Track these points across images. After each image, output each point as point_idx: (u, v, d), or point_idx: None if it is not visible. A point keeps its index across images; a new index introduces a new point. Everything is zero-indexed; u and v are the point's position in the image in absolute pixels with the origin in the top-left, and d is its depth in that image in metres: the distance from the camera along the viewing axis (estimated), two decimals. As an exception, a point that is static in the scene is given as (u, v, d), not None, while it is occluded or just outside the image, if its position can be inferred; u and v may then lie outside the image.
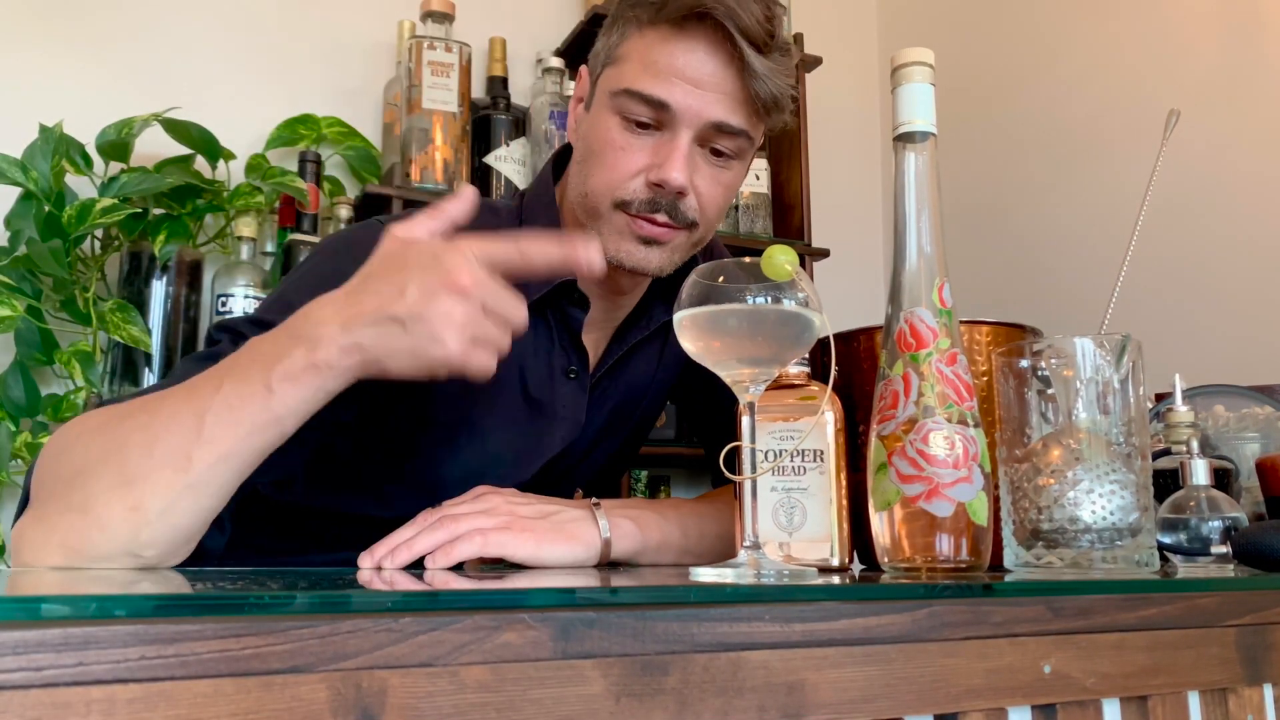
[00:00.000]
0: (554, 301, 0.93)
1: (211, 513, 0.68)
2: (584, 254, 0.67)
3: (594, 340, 0.97)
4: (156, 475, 0.65)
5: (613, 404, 0.99)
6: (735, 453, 0.62)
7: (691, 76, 0.83)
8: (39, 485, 0.70)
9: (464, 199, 0.71)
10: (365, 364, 0.65)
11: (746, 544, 0.61)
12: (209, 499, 0.67)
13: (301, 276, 0.86)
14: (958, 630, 0.49)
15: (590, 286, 0.94)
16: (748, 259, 0.62)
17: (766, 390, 0.75)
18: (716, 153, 0.87)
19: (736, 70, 0.83)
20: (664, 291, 0.97)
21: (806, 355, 0.77)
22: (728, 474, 0.62)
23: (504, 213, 0.97)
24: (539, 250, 0.67)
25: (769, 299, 0.60)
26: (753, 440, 0.62)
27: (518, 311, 0.66)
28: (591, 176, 0.88)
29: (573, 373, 0.94)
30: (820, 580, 0.56)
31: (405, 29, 1.88)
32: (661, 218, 0.86)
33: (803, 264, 2.25)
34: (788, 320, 0.60)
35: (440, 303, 0.63)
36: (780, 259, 0.60)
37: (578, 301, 0.93)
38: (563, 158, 0.98)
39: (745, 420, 0.62)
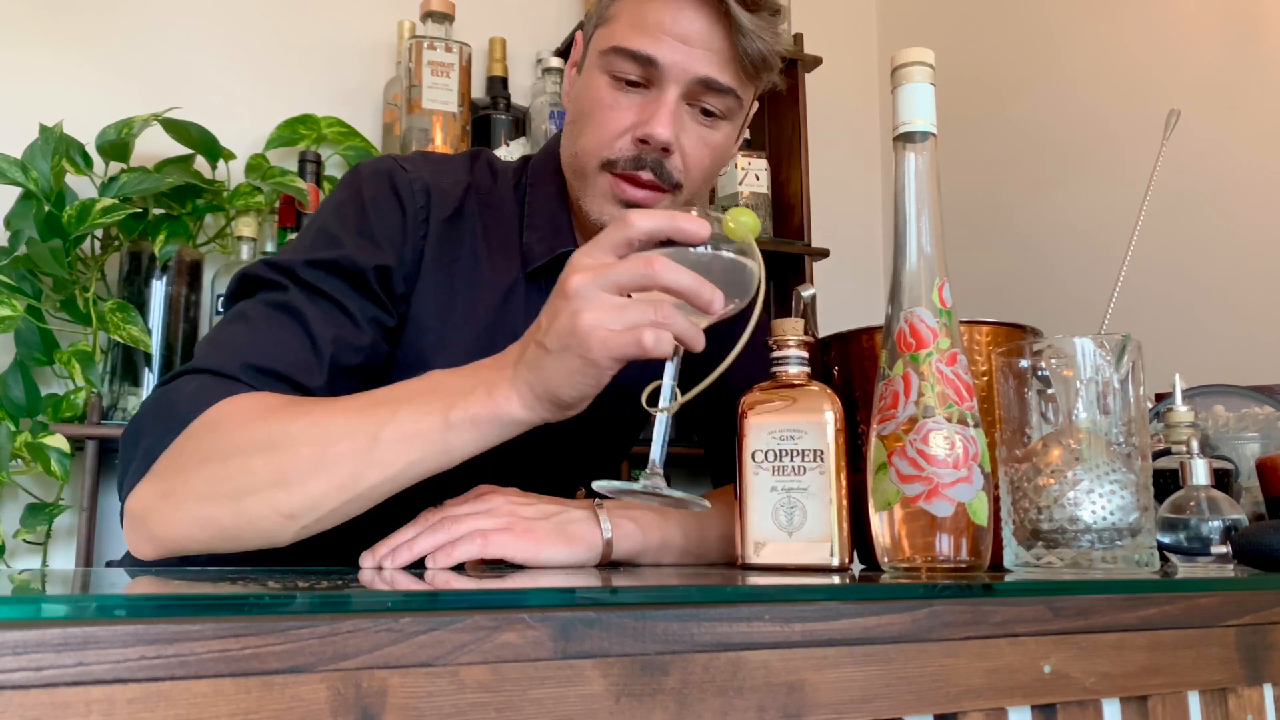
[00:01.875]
0: (551, 271, 0.93)
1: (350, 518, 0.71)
2: (689, 225, 0.65)
3: None
4: (319, 488, 0.67)
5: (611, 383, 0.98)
6: (658, 391, 0.67)
7: (679, 33, 0.84)
8: (176, 456, 0.71)
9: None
10: (540, 401, 0.66)
11: (651, 469, 0.66)
12: (359, 510, 0.70)
13: (337, 208, 0.88)
14: (958, 630, 0.49)
15: None
16: (695, 209, 0.66)
17: (766, 390, 0.75)
18: (706, 113, 0.87)
19: (725, 28, 0.84)
20: None
21: (806, 354, 0.76)
22: (647, 407, 0.67)
23: (504, 174, 0.97)
24: (651, 224, 0.65)
25: (714, 249, 0.65)
26: (673, 381, 0.67)
27: (652, 271, 0.62)
28: (581, 136, 0.89)
29: None
30: (820, 570, 0.56)
31: (405, 29, 1.88)
32: (646, 175, 0.86)
33: (802, 264, 2.26)
34: (729, 269, 0.65)
35: (562, 317, 0.63)
36: (739, 220, 0.64)
37: None
38: None
39: (671, 362, 0.66)
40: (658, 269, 0.62)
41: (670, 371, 0.67)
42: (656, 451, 0.67)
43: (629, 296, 0.64)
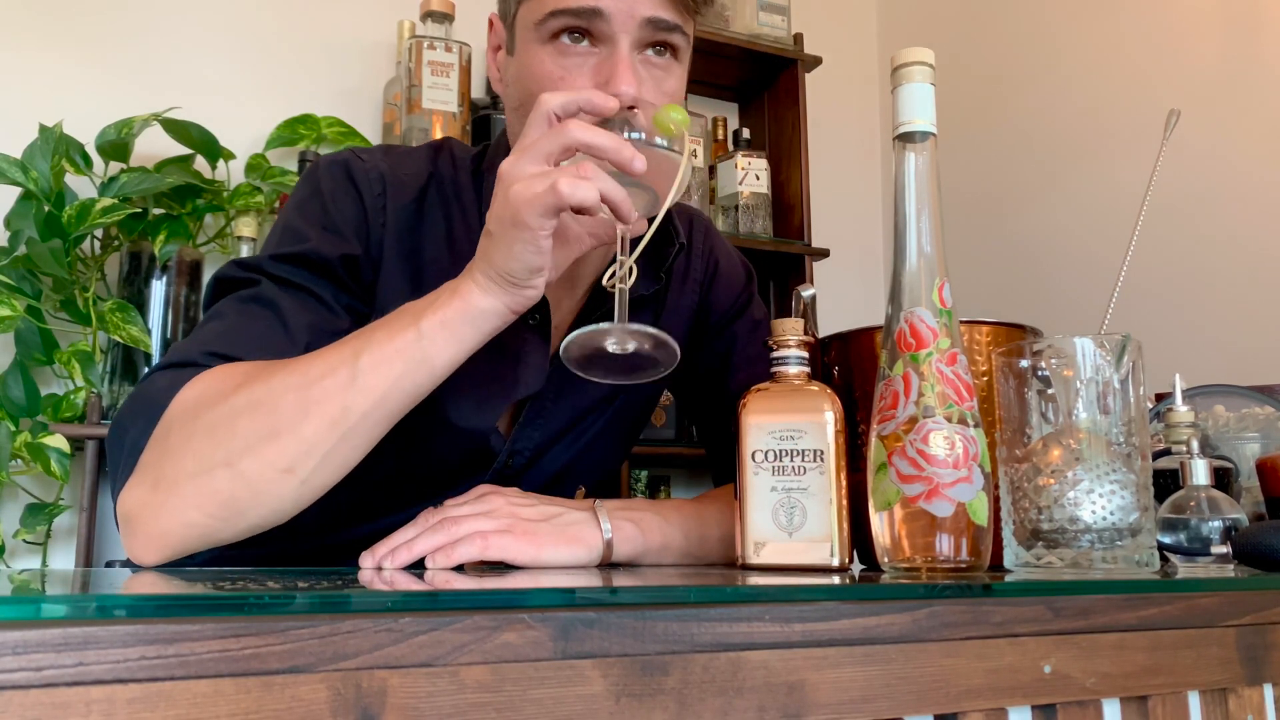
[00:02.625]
0: None
1: (353, 465, 0.71)
2: (598, 98, 0.70)
3: (558, 299, 0.94)
4: (310, 429, 0.67)
5: (609, 395, 0.97)
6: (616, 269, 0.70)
7: None
8: (160, 442, 0.70)
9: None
10: (496, 284, 0.69)
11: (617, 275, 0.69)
12: (356, 451, 0.70)
13: (299, 205, 0.88)
14: (958, 630, 0.49)
15: None
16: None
17: (766, 389, 0.75)
18: (657, 55, 0.84)
19: None
20: (644, 266, 0.95)
21: (806, 354, 0.76)
22: (606, 286, 0.70)
23: (463, 162, 0.96)
24: (561, 100, 0.69)
25: (641, 135, 0.69)
26: (625, 253, 0.70)
27: (567, 130, 0.67)
28: None
29: (534, 320, 0.91)
30: (820, 571, 0.56)
31: (405, 29, 1.88)
32: None
33: (802, 264, 2.26)
34: (652, 156, 0.69)
35: (497, 201, 0.67)
36: (669, 115, 0.69)
37: None
38: None
39: (623, 237, 0.70)
40: (571, 128, 0.66)
41: (622, 246, 0.70)
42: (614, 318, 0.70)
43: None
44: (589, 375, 0.72)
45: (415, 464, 0.88)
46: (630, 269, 0.69)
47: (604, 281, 0.70)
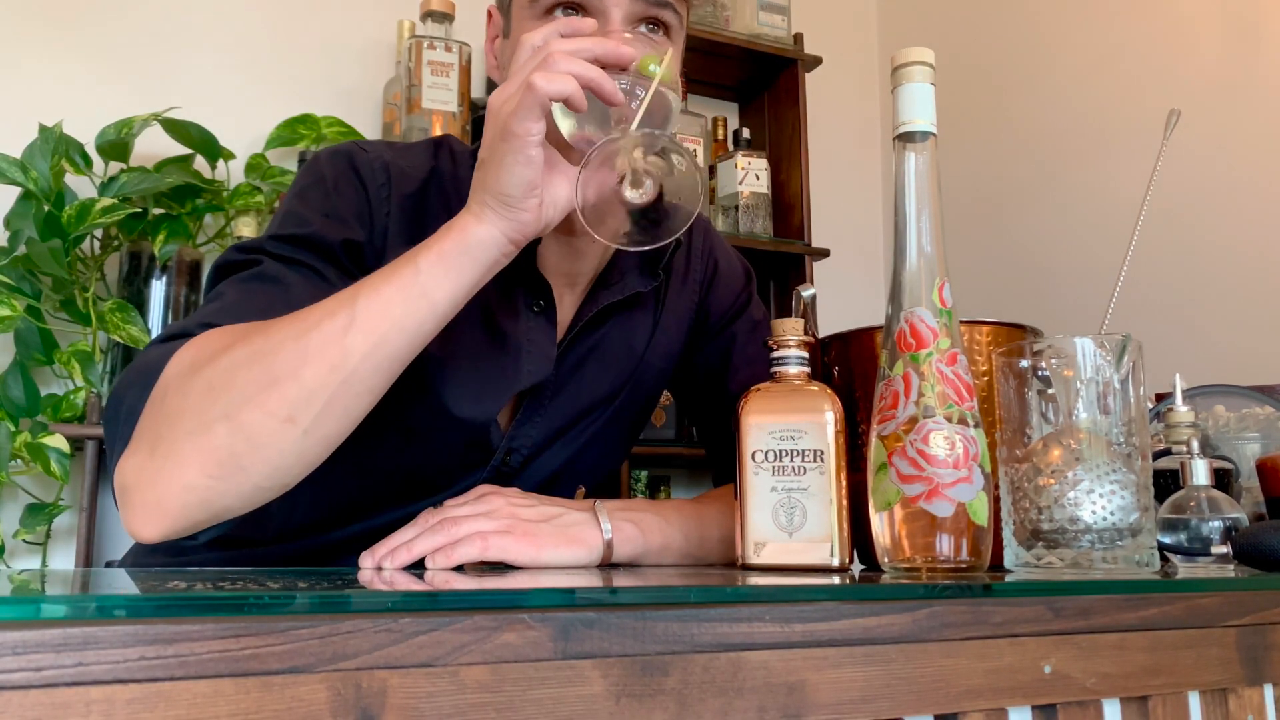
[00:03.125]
0: None
1: (358, 419, 0.69)
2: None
3: (560, 294, 0.93)
4: (310, 374, 0.65)
5: (593, 370, 0.97)
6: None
7: None
8: (157, 405, 0.68)
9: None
10: (492, 210, 0.69)
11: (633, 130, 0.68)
12: (359, 400, 0.67)
13: (300, 193, 0.87)
14: (958, 630, 0.49)
15: None
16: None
17: (766, 389, 0.75)
18: (650, 30, 0.85)
19: None
20: (641, 262, 0.96)
21: (806, 354, 0.76)
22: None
23: (462, 157, 0.96)
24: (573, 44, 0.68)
25: (628, 84, 0.69)
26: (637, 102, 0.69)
27: (548, 48, 0.67)
28: None
29: (538, 306, 0.91)
30: (820, 571, 0.56)
31: (405, 29, 1.88)
32: None
33: (802, 264, 2.25)
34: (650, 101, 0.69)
35: (488, 127, 0.68)
36: (649, 64, 0.69)
37: None
38: None
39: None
40: (553, 46, 0.66)
41: (622, 116, 0.69)
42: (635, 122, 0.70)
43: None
44: (600, 236, 0.71)
45: (414, 456, 0.88)
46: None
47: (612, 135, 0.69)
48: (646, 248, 0.71)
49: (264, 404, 0.64)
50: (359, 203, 0.87)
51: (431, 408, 0.85)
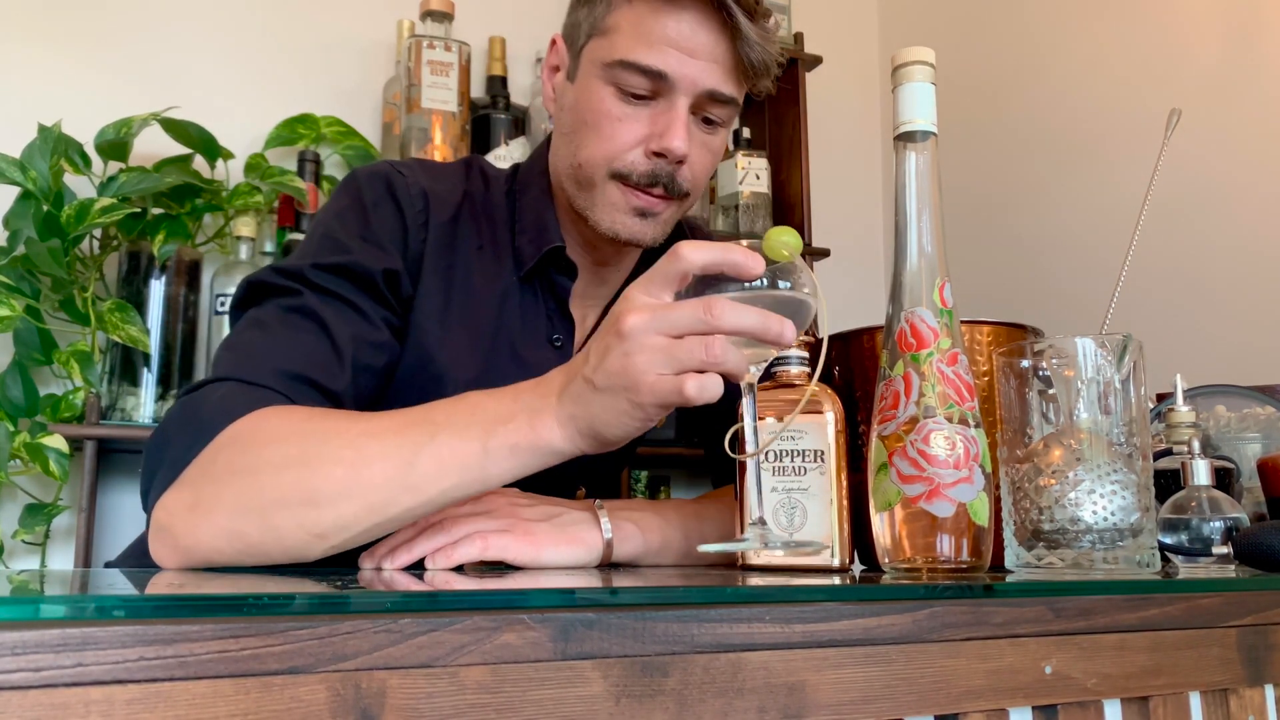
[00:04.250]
0: (542, 270, 0.94)
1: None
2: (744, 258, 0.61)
3: (583, 315, 0.98)
4: (350, 510, 0.66)
5: None
6: (739, 435, 0.65)
7: (686, 46, 0.84)
8: (205, 466, 0.70)
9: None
10: (583, 436, 0.64)
11: (752, 520, 0.63)
12: (388, 530, 0.69)
13: (339, 214, 0.88)
14: (959, 631, 0.49)
15: (579, 255, 0.96)
16: (746, 241, 0.62)
17: (766, 390, 0.75)
18: (707, 121, 0.89)
19: (729, 38, 0.85)
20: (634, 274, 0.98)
21: (807, 354, 0.76)
22: (731, 454, 0.66)
23: (496, 181, 0.98)
24: (701, 256, 0.61)
25: (765, 281, 0.60)
26: (754, 420, 0.63)
27: (711, 317, 0.59)
28: (585, 147, 0.89)
29: (557, 341, 0.95)
30: (821, 571, 0.56)
31: (404, 28, 1.88)
32: (658, 190, 0.88)
33: (803, 264, 2.24)
34: (784, 304, 0.60)
35: (613, 356, 0.61)
36: (781, 240, 0.60)
37: (565, 269, 0.95)
38: None
39: (746, 401, 0.63)
40: (717, 314, 0.58)
41: (749, 410, 0.63)
42: (753, 499, 0.65)
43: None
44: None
45: None
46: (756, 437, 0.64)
47: (725, 447, 0.67)
48: None
49: (300, 517, 0.66)
50: (396, 228, 0.89)
51: None
